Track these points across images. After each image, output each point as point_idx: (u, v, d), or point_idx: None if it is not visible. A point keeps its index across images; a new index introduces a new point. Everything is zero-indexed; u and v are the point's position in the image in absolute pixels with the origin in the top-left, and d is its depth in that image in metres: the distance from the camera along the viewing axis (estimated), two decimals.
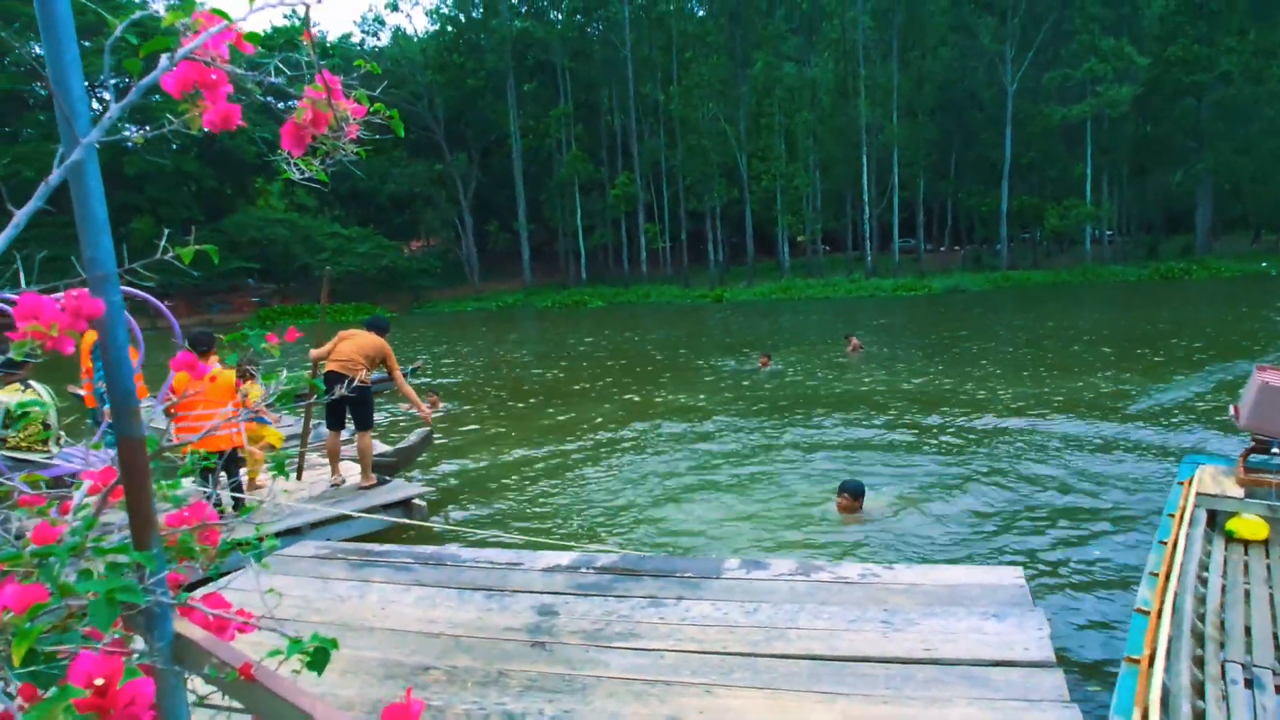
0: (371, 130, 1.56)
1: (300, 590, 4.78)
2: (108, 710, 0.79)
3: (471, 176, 56.27)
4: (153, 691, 0.82)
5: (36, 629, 0.82)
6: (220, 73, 1.23)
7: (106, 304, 1.10)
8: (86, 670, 0.80)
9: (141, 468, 1.13)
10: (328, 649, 1.09)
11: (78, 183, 1.17)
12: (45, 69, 1.31)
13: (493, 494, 8.25)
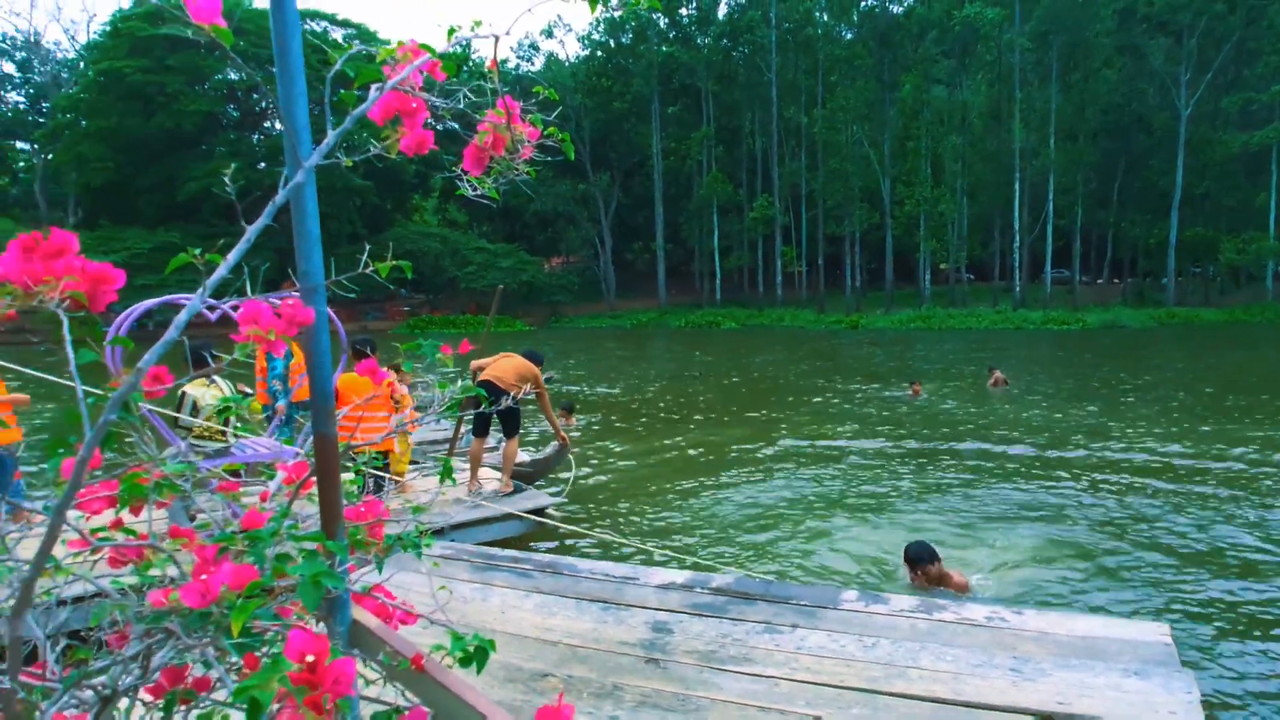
0: (543, 152, 1.71)
1: (429, 588, 5.07)
2: (316, 685, 0.90)
3: (613, 196, 57.63)
4: (354, 672, 0.94)
5: (252, 604, 0.98)
6: (420, 101, 1.40)
7: (315, 313, 1.28)
8: (299, 647, 0.92)
9: (333, 465, 1.30)
10: (487, 649, 1.19)
11: (297, 203, 1.33)
12: (241, 94, 1.52)
13: (615, 508, 8.44)
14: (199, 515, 1.71)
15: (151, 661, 1.35)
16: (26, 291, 1.23)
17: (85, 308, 1.27)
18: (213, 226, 44.94)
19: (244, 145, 47.79)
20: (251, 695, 0.83)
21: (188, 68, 43.11)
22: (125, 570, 1.53)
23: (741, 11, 54.02)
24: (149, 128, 43.20)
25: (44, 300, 1.23)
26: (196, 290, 1.25)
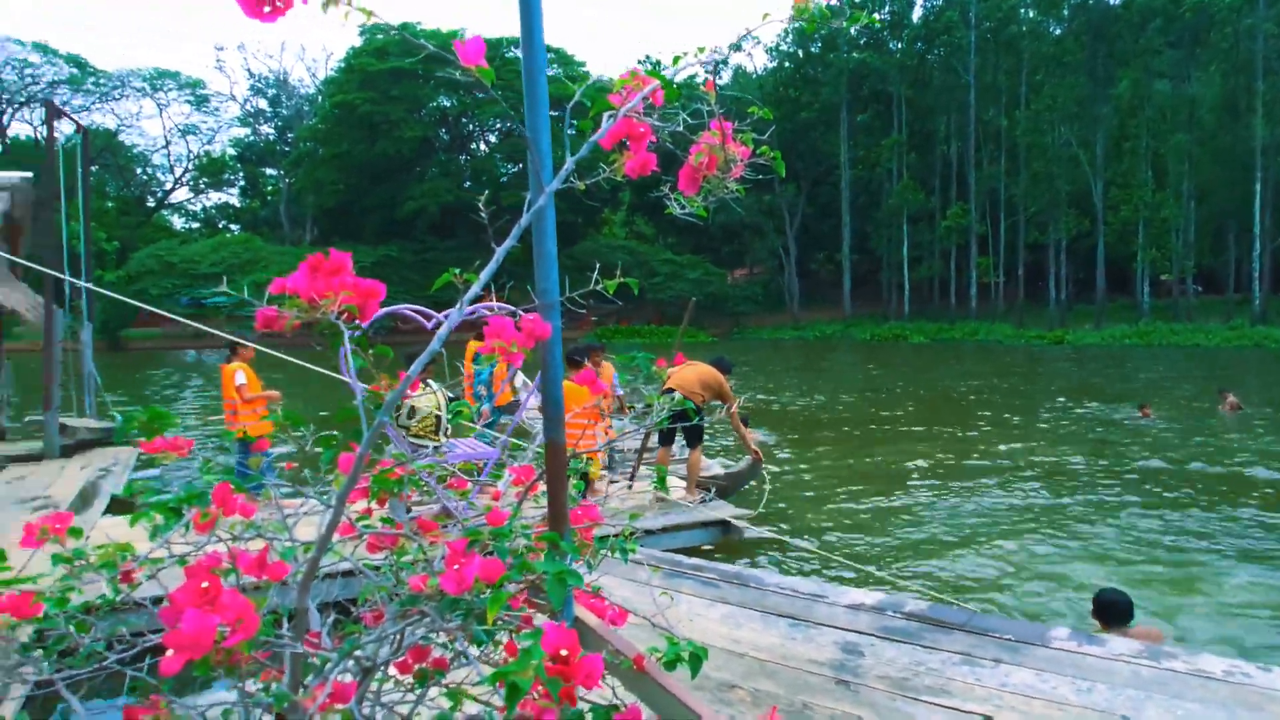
0: (754, 170, 1.75)
1: (621, 592, 5.22)
2: (569, 677, 0.97)
3: (798, 207, 56.91)
4: (602, 667, 1.00)
5: (504, 595, 1.08)
6: (646, 125, 1.48)
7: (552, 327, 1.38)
8: (554, 640, 1.00)
9: (561, 468, 1.39)
10: (701, 656, 1.22)
11: (538, 224, 1.45)
12: (451, 119, 1.65)
13: (799, 522, 8.32)
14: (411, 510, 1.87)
15: (404, 640, 1.51)
16: (311, 304, 1.41)
17: (356, 319, 1.44)
18: (425, 243, 48.73)
19: (453, 166, 51.51)
20: (511, 680, 0.91)
21: (407, 98, 47.12)
22: (379, 555, 1.71)
23: (938, 14, 51.72)
24: (374, 153, 47.60)
25: (325, 311, 1.40)
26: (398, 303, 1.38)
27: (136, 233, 52.74)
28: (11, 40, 51.68)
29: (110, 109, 55.79)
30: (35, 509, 7.96)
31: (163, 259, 46.51)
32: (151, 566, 1.42)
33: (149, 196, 60.04)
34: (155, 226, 57.45)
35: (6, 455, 10.70)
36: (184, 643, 1.10)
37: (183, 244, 51.11)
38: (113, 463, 10.50)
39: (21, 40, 52.16)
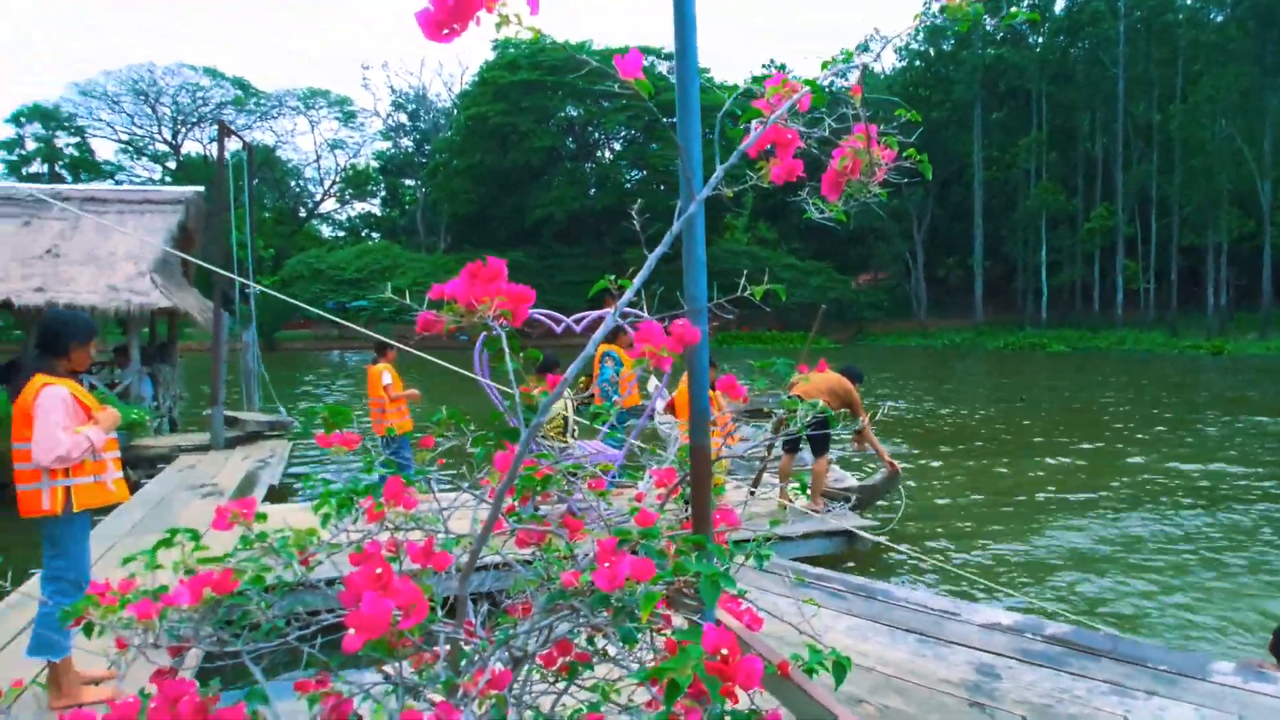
0: (900, 174, 1.72)
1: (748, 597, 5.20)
2: (728, 677, 0.99)
3: (927, 210, 54.97)
4: (761, 669, 1.02)
5: (657, 595, 1.11)
6: (794, 132, 1.49)
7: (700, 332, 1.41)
8: (714, 640, 1.02)
9: (706, 473, 1.42)
10: (845, 666, 1.22)
11: (688, 231, 1.48)
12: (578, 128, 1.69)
13: (928, 534, 8.04)
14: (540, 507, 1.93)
15: (552, 633, 1.57)
16: (468, 308, 1.49)
17: (510, 323, 1.51)
18: (550, 248, 50.04)
19: (578, 174, 52.69)
20: (671, 677, 0.93)
21: (536, 108, 48.60)
22: (527, 550, 1.78)
23: (1082, 6, 48.77)
24: (504, 163, 49.33)
25: (481, 316, 1.48)
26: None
27: (289, 241, 56.66)
28: (185, 66, 56.66)
29: (269, 127, 60.26)
30: (204, 495, 8.69)
31: (312, 265, 49.78)
32: (327, 551, 1.53)
33: (301, 207, 64.35)
34: (306, 235, 61.55)
35: (179, 445, 11.72)
36: (364, 624, 1.19)
37: (329, 251, 54.54)
38: (270, 455, 11.33)
39: (194, 66, 57.14)
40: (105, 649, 1.67)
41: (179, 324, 16.88)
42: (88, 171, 56.29)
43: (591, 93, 49.50)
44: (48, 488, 3.81)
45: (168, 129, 59.15)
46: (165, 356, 16.12)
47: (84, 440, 3.75)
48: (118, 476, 4.03)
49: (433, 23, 1.27)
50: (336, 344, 49.20)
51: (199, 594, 1.36)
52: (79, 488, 3.84)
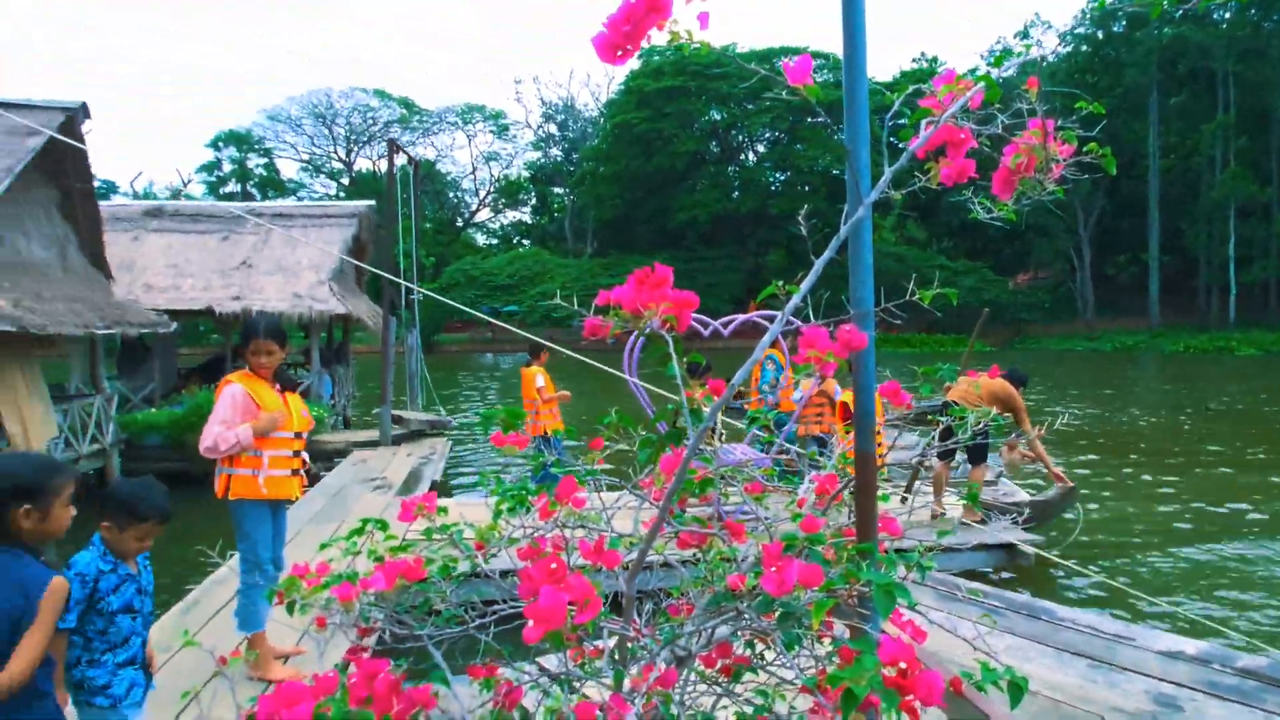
0: (1080, 169, 1.64)
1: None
2: (907, 691, 0.97)
3: (1094, 203, 51.16)
4: (942, 687, 0.99)
5: (829, 601, 1.12)
6: (967, 131, 1.45)
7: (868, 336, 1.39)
8: (892, 651, 1.01)
9: (871, 480, 1.41)
10: (1022, 686, 1.15)
11: (855, 235, 1.47)
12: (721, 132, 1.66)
13: (1097, 551, 7.50)
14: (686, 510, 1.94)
15: (714, 635, 1.60)
16: (634, 314, 1.54)
17: (674, 328, 1.54)
18: (694, 251, 50.32)
19: (722, 177, 52.74)
20: (847, 685, 0.93)
21: (680, 114, 49.06)
22: (688, 552, 1.82)
23: None
24: (649, 168, 50.12)
25: (645, 321, 1.52)
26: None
27: (448, 249, 59.78)
28: (358, 89, 61.02)
29: (430, 142, 63.86)
30: (375, 488, 9.32)
31: (467, 272, 52.35)
32: (505, 544, 1.63)
33: (458, 217, 67.75)
34: (463, 243, 64.74)
35: (352, 441, 12.63)
36: (541, 616, 1.26)
37: (484, 258, 57.13)
38: (432, 452, 12.01)
39: (365, 89, 61.43)
40: (289, 624, 1.83)
41: (352, 328, 18.20)
42: (274, 189, 61.63)
43: (735, 96, 49.35)
44: (217, 474, 4.21)
45: (342, 148, 63.85)
46: (341, 358, 17.43)
47: (233, 436, 4.05)
48: (277, 474, 4.21)
49: (607, 46, 1.33)
50: (489, 346, 51.46)
51: (393, 580, 1.48)
52: (236, 478, 4.17)
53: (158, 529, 2.73)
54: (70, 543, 2.78)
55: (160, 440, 11.80)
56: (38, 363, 9.85)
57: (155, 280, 14.66)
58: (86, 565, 2.64)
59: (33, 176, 10.29)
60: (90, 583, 2.62)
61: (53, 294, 10.15)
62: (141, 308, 12.84)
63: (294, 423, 4.30)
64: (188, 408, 11.90)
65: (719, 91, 48.57)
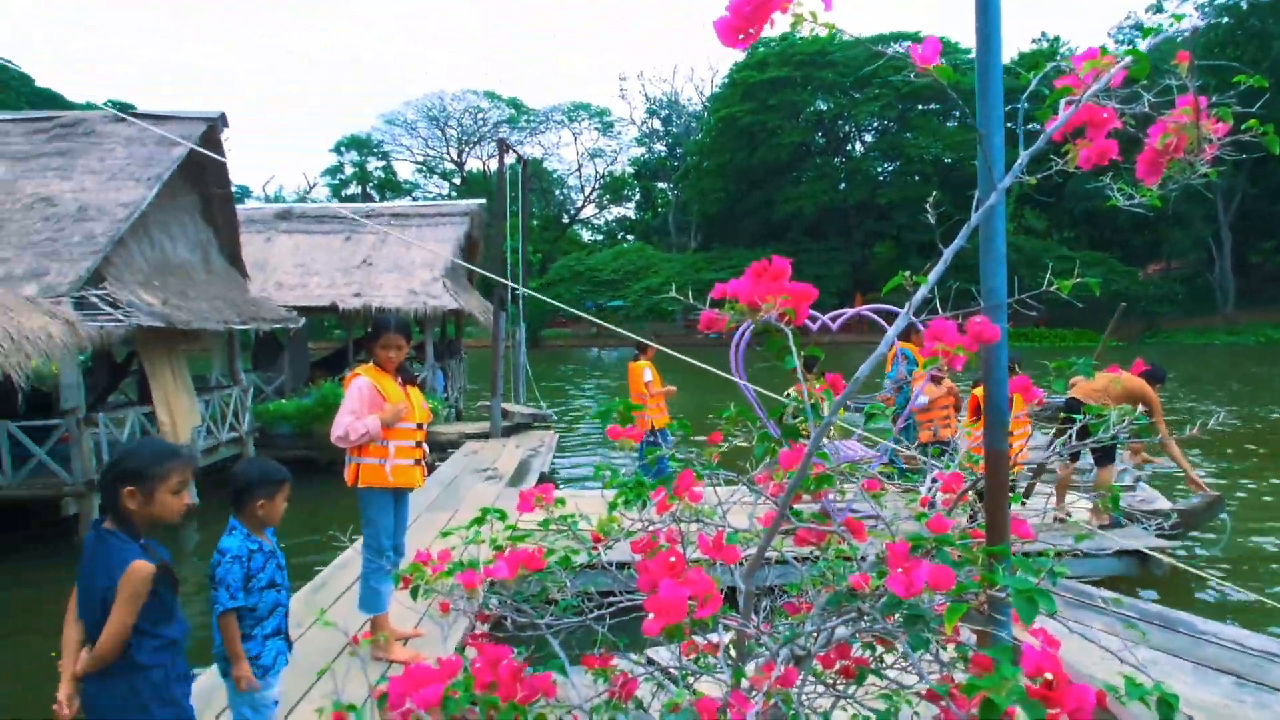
0: (1239, 149, 1.51)
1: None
2: (1053, 704, 0.90)
3: (1237, 188, 47.42)
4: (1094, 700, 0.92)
5: (962, 607, 1.07)
6: (1110, 111, 1.36)
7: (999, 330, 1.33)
8: (1036, 661, 0.95)
9: (1003, 480, 1.34)
10: (1172, 704, 1.07)
11: (986, 223, 1.40)
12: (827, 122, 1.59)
13: (1232, 561, 6.95)
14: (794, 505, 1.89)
15: (834, 635, 1.56)
16: (751, 307, 1.52)
17: (792, 321, 1.51)
18: (798, 244, 49.52)
19: (828, 169, 51.62)
20: (988, 696, 0.88)
21: (785, 105, 48.33)
22: (805, 549, 1.78)
23: None
24: (753, 161, 49.65)
25: (762, 314, 1.49)
26: None
27: (554, 246, 60.93)
28: (469, 92, 62.95)
29: (537, 141, 65.24)
30: (486, 478, 9.61)
31: (572, 268, 53.22)
32: (623, 535, 1.63)
33: (564, 214, 68.94)
34: (568, 240, 65.86)
35: (464, 433, 13.05)
36: (662, 609, 1.25)
37: (588, 254, 57.93)
38: (540, 444, 12.27)
39: (476, 90, 63.29)
40: (411, 608, 1.89)
41: (463, 323, 18.81)
42: (391, 190, 64.28)
43: (842, 85, 48.21)
44: (347, 464, 4.41)
45: (454, 148, 65.97)
46: (453, 353, 18.03)
47: (362, 427, 4.24)
48: (401, 464, 4.37)
49: (729, 29, 1.31)
50: (594, 341, 52.17)
51: (515, 569, 1.51)
52: (365, 467, 4.36)
53: (285, 491, 2.99)
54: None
55: (290, 430, 12.51)
56: (183, 356, 10.60)
57: (285, 279, 15.56)
58: (238, 548, 2.87)
59: (178, 184, 11.07)
60: (245, 563, 2.86)
61: (197, 293, 10.91)
62: (274, 305, 13.65)
63: (415, 414, 4.46)
64: (315, 399, 12.56)
65: (825, 81, 47.52)
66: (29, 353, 6.42)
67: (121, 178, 10.00)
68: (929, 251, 48.78)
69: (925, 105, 48.42)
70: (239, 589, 2.86)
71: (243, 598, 2.87)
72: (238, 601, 2.85)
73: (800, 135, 50.11)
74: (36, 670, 5.14)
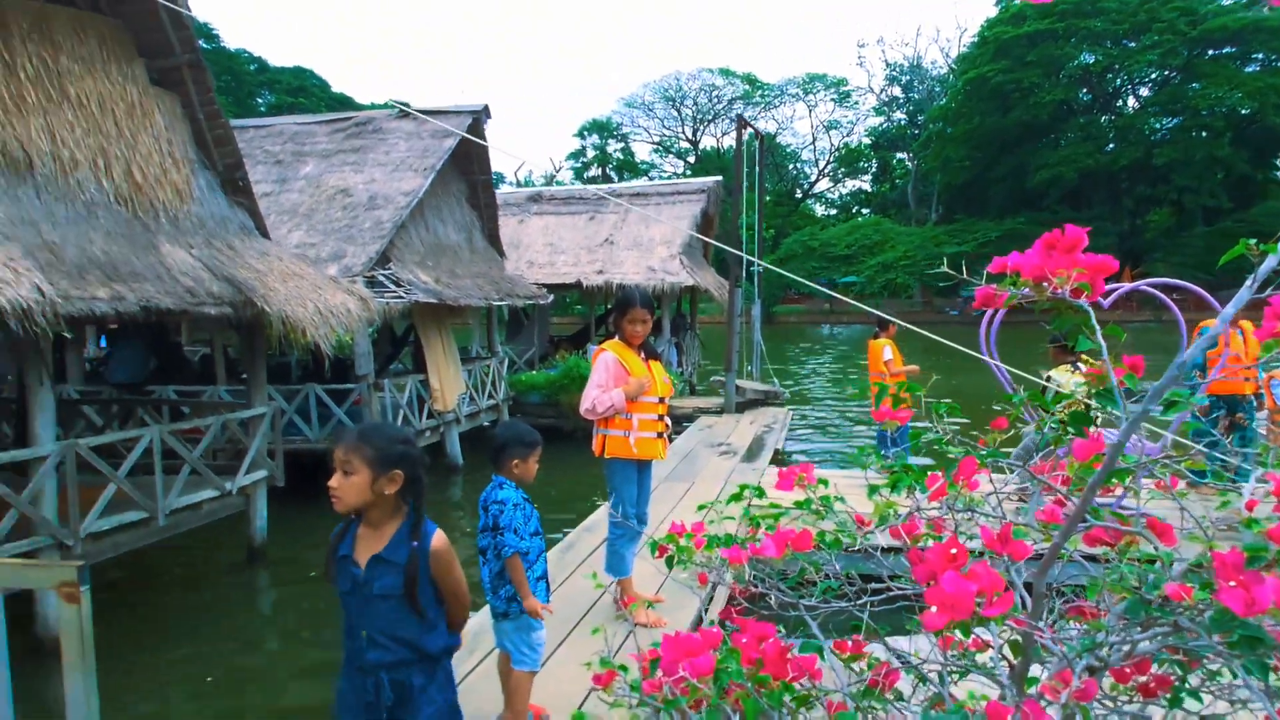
0: None
1: None
2: None
3: None
4: None
5: None
6: None
7: None
8: None
9: None
10: None
11: None
12: (1094, 78, 1.35)
13: None
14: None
15: (1136, 647, 1.41)
16: (1038, 282, 1.38)
17: (1089, 297, 1.36)
18: (1055, 213, 45.05)
19: (1093, 128, 46.32)
20: None
21: (1044, 61, 43.96)
22: (1097, 549, 1.62)
23: None
24: (1005, 124, 45.75)
25: (1053, 289, 1.35)
26: None
27: (786, 221, 60.15)
28: (705, 70, 63.52)
29: (771, 115, 64.57)
30: (721, 453, 9.75)
31: (805, 244, 52.30)
32: (890, 520, 1.58)
33: (797, 189, 67.84)
34: (801, 215, 64.72)
35: (698, 408, 13.32)
36: (945, 602, 1.19)
37: (822, 229, 56.62)
38: (773, 421, 12.25)
39: (711, 68, 63.73)
40: (650, 573, 1.94)
41: (698, 299, 19.13)
42: (629, 171, 66.64)
43: (1113, 34, 42.92)
44: (595, 435, 4.62)
45: (689, 127, 67.03)
46: (688, 328, 18.41)
47: (608, 399, 4.40)
48: (645, 436, 4.49)
49: None
50: (827, 318, 51.04)
51: (782, 548, 1.51)
52: (611, 439, 4.53)
53: (537, 454, 3.29)
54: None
55: (539, 399, 13.45)
56: (450, 329, 11.71)
57: (536, 257, 16.67)
58: (516, 496, 3.17)
59: (448, 172, 12.19)
60: (524, 510, 3.15)
61: (463, 271, 12.00)
62: (526, 282, 14.68)
63: (658, 388, 4.59)
64: (560, 371, 13.40)
65: (1092, 31, 42.51)
66: (334, 326, 7.41)
67: (403, 169, 11.19)
68: (1216, 218, 42.36)
69: (1217, 49, 41.83)
70: (526, 532, 3.14)
71: (530, 542, 3.15)
72: (525, 544, 3.12)
73: (1061, 93, 45.39)
74: None
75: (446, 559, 2.31)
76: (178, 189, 7.10)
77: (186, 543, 7.88)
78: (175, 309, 6.28)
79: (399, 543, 2.26)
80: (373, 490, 2.21)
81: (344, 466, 2.22)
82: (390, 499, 2.26)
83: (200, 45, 7.53)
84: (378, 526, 2.29)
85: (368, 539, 2.30)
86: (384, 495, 2.23)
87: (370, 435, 2.24)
